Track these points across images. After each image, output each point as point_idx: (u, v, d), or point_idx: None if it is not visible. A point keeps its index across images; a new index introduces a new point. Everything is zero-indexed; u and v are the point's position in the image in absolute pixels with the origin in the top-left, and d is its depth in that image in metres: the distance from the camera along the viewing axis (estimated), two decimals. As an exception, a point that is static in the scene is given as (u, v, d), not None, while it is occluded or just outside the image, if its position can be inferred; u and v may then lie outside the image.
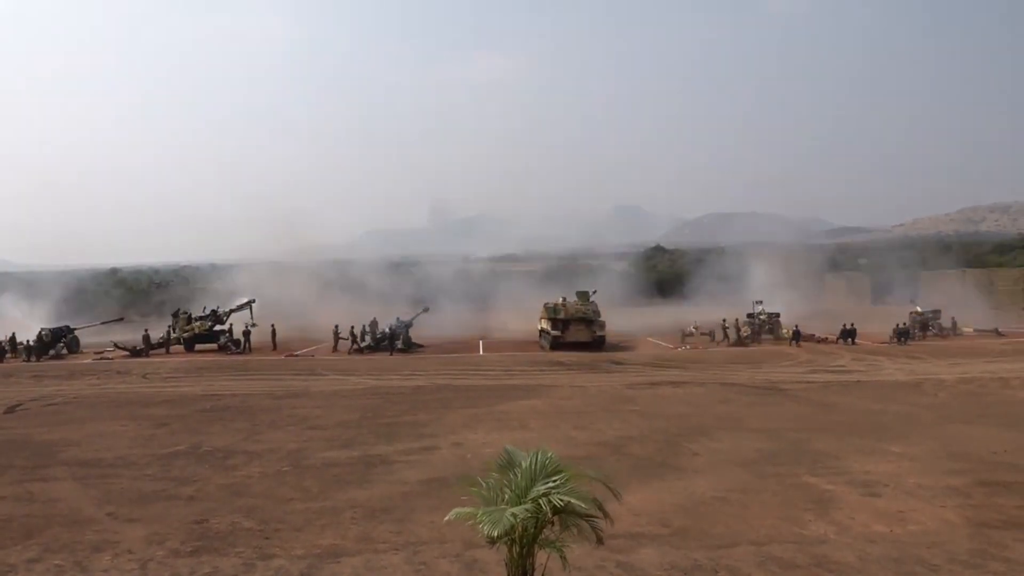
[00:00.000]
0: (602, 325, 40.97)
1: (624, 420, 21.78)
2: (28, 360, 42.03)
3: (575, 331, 40.72)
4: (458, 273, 68.08)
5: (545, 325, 42.13)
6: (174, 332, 45.36)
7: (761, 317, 43.78)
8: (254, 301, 47.28)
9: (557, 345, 40.34)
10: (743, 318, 43.88)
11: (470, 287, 60.97)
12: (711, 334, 42.55)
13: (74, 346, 45.51)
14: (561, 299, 42.58)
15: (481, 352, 40.96)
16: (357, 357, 39.85)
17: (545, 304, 42.75)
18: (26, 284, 61.62)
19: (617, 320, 45.19)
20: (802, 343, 40.59)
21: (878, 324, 43.17)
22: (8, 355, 42.93)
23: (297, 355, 40.77)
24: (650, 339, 44.46)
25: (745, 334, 42.14)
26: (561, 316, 41.04)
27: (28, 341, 43.26)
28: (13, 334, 44.06)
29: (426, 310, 46.80)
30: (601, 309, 42.05)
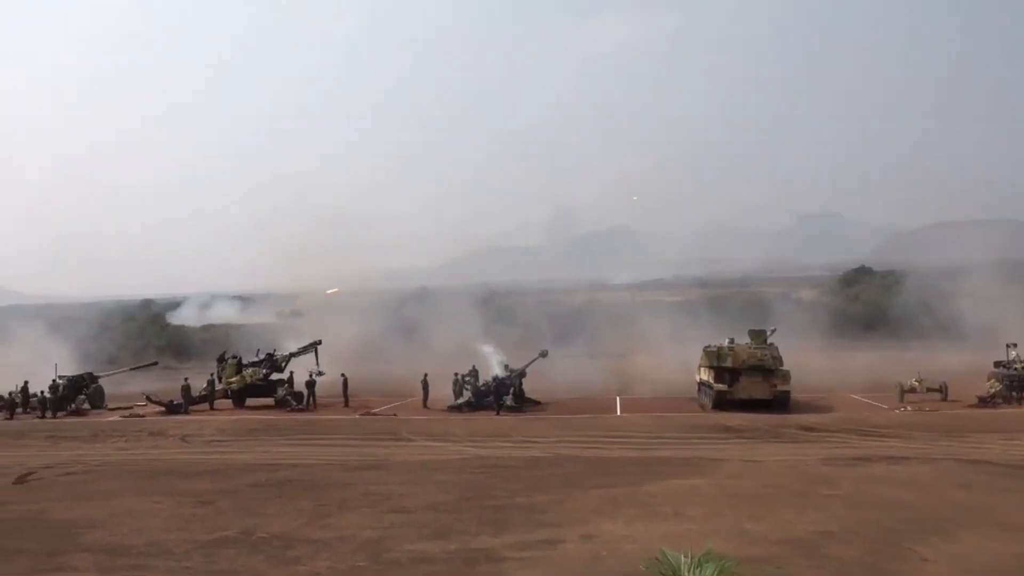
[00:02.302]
0: (785, 376, 40.02)
1: (820, 509, 21.05)
2: (43, 416, 44.56)
3: (748, 384, 39.95)
4: (587, 305, 68.30)
5: (706, 376, 41.50)
6: (220, 382, 47.23)
7: (1017, 367, 41.82)
8: (320, 343, 48.80)
9: (723, 403, 39.66)
10: (990, 368, 42.17)
11: (603, 324, 60.98)
12: (942, 389, 41.08)
13: (98, 399, 47.99)
14: (728, 341, 41.87)
15: (618, 412, 40.71)
16: (454, 417, 40.37)
17: (706, 348, 42.11)
18: (41, 319, 65.61)
19: (806, 369, 44.12)
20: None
21: None
22: (19, 410, 45.60)
23: (376, 413, 41.64)
24: (854, 396, 43.31)
25: (993, 390, 40.46)
26: (728, 364, 40.30)
27: (42, 392, 45.84)
28: (25, 383, 46.74)
29: (544, 355, 46.91)
30: (783, 354, 41.13)
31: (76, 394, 46.75)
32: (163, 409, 44.75)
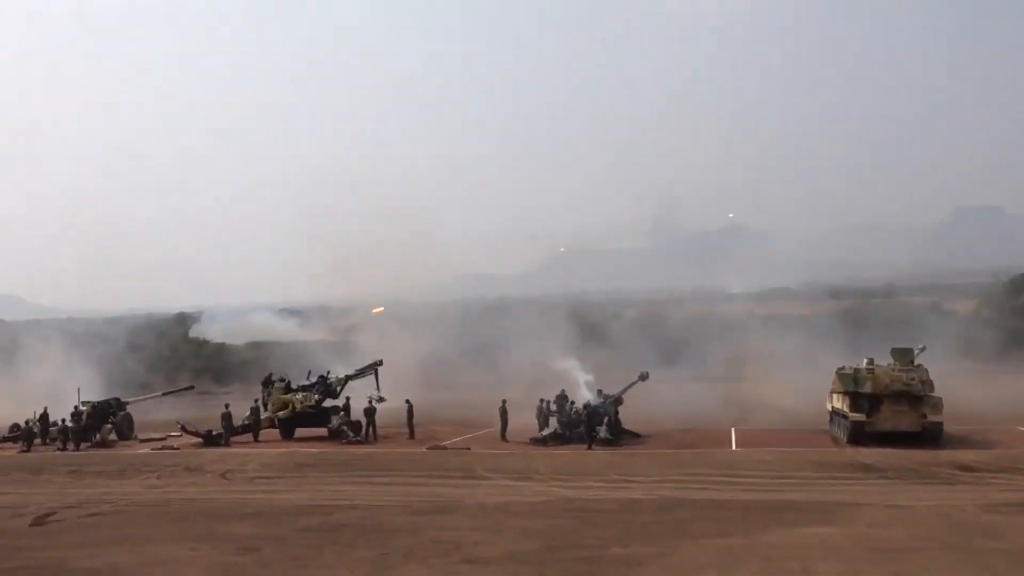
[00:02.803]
0: (936, 405, 39.28)
1: (981, 566, 20.62)
2: (64, 448, 45.63)
3: (891, 414, 39.33)
4: (696, 319, 67.79)
5: (840, 404, 40.98)
6: (266, 409, 47.95)
7: None
8: (380, 364, 49.31)
9: (861, 436, 39.13)
10: None
11: (715, 341, 60.55)
12: None
13: (126, 429, 49.07)
14: (867, 362, 41.25)
15: (734, 446, 40.43)
16: (537, 451, 40.39)
17: (840, 370, 41.56)
18: (62, 336, 67.26)
19: (962, 396, 43.42)
20: None
21: None
22: (37, 441, 46.75)
23: (446, 447, 41.86)
24: (1022, 429, 42.56)
25: None
26: (867, 390, 39.71)
27: (63, 421, 46.96)
28: (45, 411, 47.92)
29: (644, 378, 46.68)
30: (934, 378, 40.40)
31: (102, 423, 47.75)
32: (200, 440, 45.54)
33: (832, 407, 42.26)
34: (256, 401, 48.17)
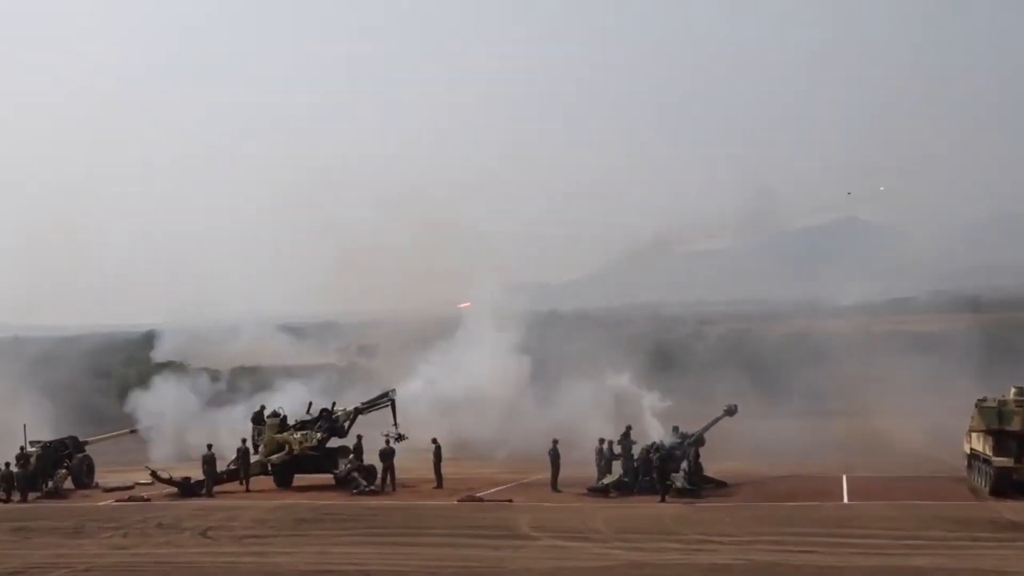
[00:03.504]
0: (1107, 449, 38.85)
1: None
2: (7, 500, 45.77)
3: (1048, 459, 38.94)
4: (797, 336, 67.36)
5: (981, 445, 40.68)
6: (256, 452, 48.04)
7: None
8: (394, 393, 49.27)
9: (1008, 486, 38.80)
10: None
11: (822, 365, 59.95)
12: None
13: (85, 474, 49.14)
14: (1014, 392, 40.89)
15: (845, 498, 40.19)
16: (597, 503, 40.30)
17: (980, 403, 41.25)
18: (8, 360, 67.36)
19: None
20: None
21: None
22: (-27, 491, 46.72)
23: (483, 498, 41.80)
24: None
25: None
26: (1016, 427, 39.33)
27: (7, 466, 46.73)
28: (-14, 452, 47.98)
29: (731, 412, 46.53)
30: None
31: (55, 468, 47.84)
32: (176, 490, 45.72)
33: (971, 449, 41.87)
34: (244, 441, 47.99)
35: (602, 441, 43.86)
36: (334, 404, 49.48)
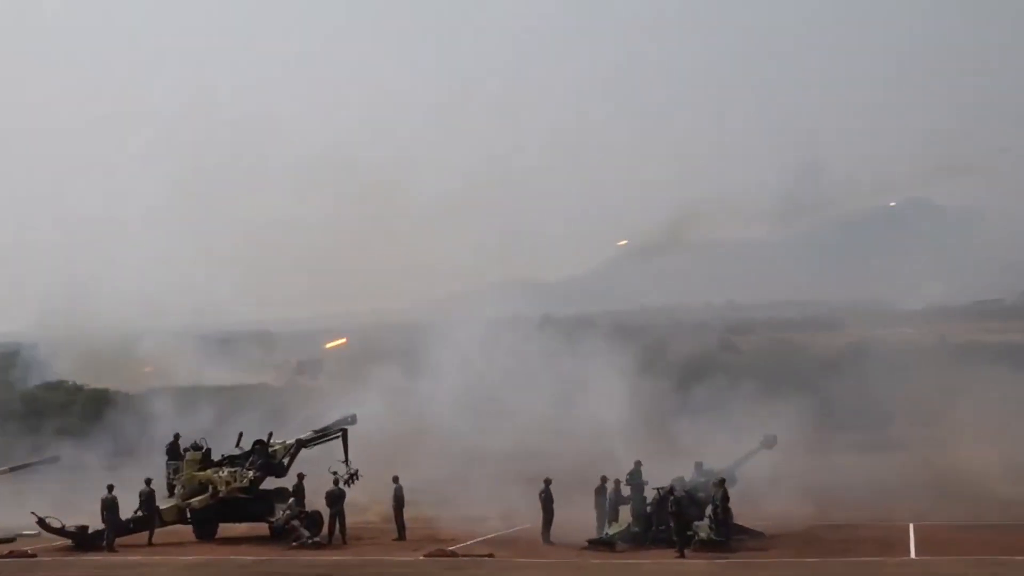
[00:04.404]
0: None
1: None
2: None
3: None
4: (851, 347, 67.59)
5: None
6: (171, 494, 47.88)
7: None
8: (352, 422, 49.10)
9: None
10: None
11: (880, 381, 59.88)
12: None
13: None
14: None
15: (912, 552, 40.30)
16: (598, 560, 40.30)
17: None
18: None
19: None
20: None
21: None
22: None
23: (456, 553, 41.76)
24: None
25: None
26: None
27: None
28: None
29: (770, 445, 46.54)
30: None
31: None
32: (70, 541, 45.62)
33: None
34: (148, 482, 47.30)
35: (605, 480, 43.70)
36: (271, 435, 48.86)
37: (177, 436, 50.33)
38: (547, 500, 43.56)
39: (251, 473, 47.37)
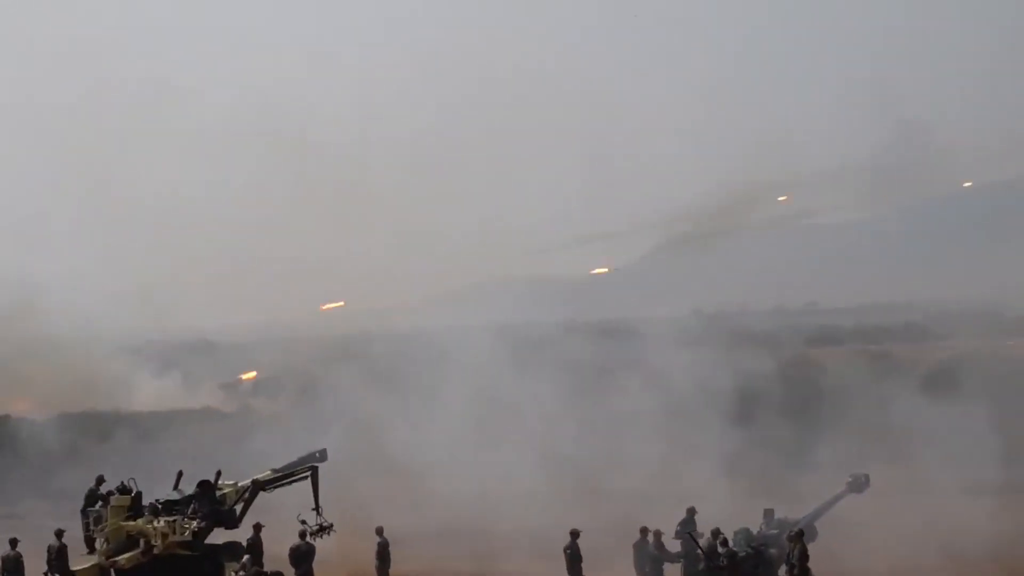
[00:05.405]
0: None
1: None
2: None
3: None
4: (959, 359, 67.79)
5: None
6: (93, 548, 47.98)
7: None
8: (323, 458, 49.20)
9: None
10: None
11: (1002, 406, 59.92)
12: None
13: None
14: None
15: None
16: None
17: None
18: None
19: None
20: None
21: None
22: None
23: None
24: None
25: None
26: None
27: None
28: None
29: (859, 487, 46.63)
30: None
31: None
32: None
33: None
34: (59, 534, 47.00)
35: (645, 532, 43.38)
36: (219, 474, 48.75)
37: (100, 479, 49.93)
38: (573, 557, 43.32)
39: (194, 523, 47.02)
